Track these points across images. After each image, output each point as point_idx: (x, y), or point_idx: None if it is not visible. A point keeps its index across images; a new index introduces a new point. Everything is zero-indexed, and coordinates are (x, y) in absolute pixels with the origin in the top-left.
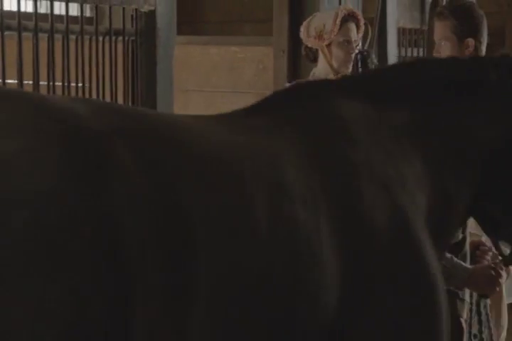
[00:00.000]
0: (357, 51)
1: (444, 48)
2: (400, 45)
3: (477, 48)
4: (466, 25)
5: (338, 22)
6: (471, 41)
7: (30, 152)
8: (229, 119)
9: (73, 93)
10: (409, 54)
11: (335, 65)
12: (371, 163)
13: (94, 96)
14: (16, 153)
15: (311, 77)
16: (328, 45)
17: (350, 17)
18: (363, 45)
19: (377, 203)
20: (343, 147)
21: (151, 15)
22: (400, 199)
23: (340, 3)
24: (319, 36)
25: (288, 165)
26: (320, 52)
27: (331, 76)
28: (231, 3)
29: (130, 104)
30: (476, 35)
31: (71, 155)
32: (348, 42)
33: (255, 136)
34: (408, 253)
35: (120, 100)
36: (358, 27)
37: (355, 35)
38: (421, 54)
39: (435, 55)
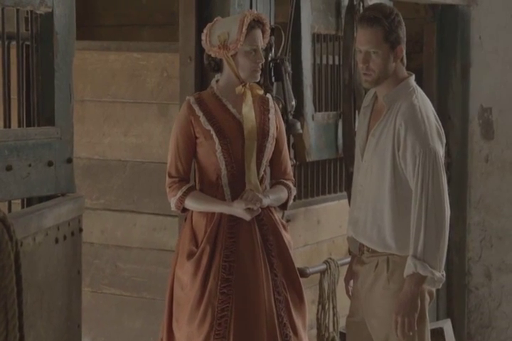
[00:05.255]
0: (269, 59)
1: (375, 57)
2: (314, 51)
3: (403, 57)
4: (396, 32)
5: (244, 30)
6: (400, 49)
7: None
8: None
9: None
10: (324, 61)
11: (242, 75)
12: None
13: None
14: None
15: (213, 85)
16: (234, 55)
17: (256, 23)
18: (276, 52)
19: None
20: None
21: (48, 17)
22: None
23: (251, 7)
24: (224, 46)
25: None
26: (225, 62)
27: (238, 86)
28: (128, 6)
29: (25, 115)
30: (404, 42)
31: None
32: (255, 51)
33: None
34: None
35: (14, 111)
36: (263, 32)
37: (262, 42)
38: (337, 61)
39: (361, 65)
